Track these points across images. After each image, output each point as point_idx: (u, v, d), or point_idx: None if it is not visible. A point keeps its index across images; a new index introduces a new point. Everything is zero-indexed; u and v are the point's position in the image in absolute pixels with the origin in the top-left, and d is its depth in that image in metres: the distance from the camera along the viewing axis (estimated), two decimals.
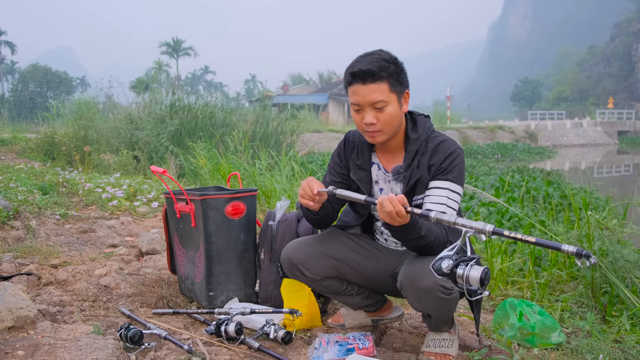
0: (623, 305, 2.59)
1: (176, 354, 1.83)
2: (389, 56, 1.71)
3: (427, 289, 1.64)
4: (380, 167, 1.89)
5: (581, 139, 36.52)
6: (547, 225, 3.61)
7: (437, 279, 1.60)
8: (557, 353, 2.01)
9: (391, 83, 1.68)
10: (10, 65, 68.16)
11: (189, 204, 2.34)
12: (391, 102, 1.70)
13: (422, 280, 1.64)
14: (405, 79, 1.74)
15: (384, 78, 1.67)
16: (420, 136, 1.78)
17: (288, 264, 1.95)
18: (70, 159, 8.85)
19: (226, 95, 51.34)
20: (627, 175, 16.84)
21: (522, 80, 77.16)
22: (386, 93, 1.68)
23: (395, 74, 1.69)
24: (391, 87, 1.69)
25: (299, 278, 1.98)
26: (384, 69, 1.67)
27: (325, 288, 2.00)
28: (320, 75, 56.33)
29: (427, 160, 1.76)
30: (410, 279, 1.68)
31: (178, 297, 2.55)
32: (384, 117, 1.71)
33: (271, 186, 5.30)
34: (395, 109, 1.71)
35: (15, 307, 1.94)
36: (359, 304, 2.07)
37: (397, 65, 1.71)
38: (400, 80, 1.71)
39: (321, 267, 1.92)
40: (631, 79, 71.40)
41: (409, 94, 1.76)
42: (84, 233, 3.79)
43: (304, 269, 1.92)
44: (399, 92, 1.72)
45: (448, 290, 1.63)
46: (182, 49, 63.30)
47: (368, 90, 1.68)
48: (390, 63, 1.69)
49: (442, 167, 1.73)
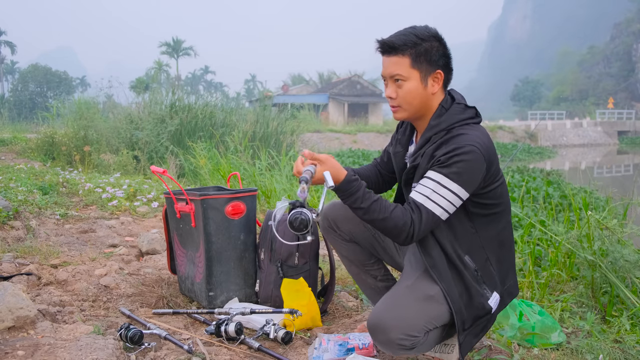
0: (623, 305, 2.60)
1: (176, 354, 1.83)
2: (424, 33, 1.63)
3: (383, 343, 1.60)
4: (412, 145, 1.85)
5: (581, 139, 36.53)
6: (547, 225, 3.61)
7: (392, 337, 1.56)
8: (557, 353, 2.00)
9: (413, 59, 1.62)
10: (10, 65, 68.17)
11: (189, 204, 2.34)
12: (411, 78, 1.64)
13: (379, 335, 1.59)
14: (440, 58, 1.64)
15: (406, 53, 1.62)
16: (440, 124, 1.65)
17: (323, 218, 2.00)
18: (70, 159, 8.85)
19: (226, 95, 51.36)
20: (627, 175, 16.84)
21: (522, 80, 77.17)
22: (406, 68, 1.63)
23: (424, 51, 1.62)
24: (413, 63, 1.62)
25: (330, 233, 2.00)
26: (408, 43, 1.61)
27: (352, 253, 2.01)
28: (320, 75, 56.40)
29: (433, 150, 1.63)
30: (370, 331, 1.62)
31: (178, 297, 2.55)
32: (402, 93, 1.66)
33: (271, 186, 5.30)
34: (415, 86, 1.64)
35: (15, 307, 1.94)
36: (379, 293, 1.99)
37: (429, 42, 1.62)
38: (429, 59, 1.62)
39: (350, 227, 1.96)
40: (631, 79, 71.37)
41: (442, 74, 1.66)
42: (84, 233, 3.79)
43: (334, 224, 1.97)
44: (423, 70, 1.63)
45: (407, 346, 1.58)
46: (182, 49, 63.30)
47: (389, 63, 1.66)
48: (421, 39, 1.62)
49: (440, 160, 1.57)
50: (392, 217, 1.57)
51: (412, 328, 1.58)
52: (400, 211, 1.58)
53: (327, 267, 2.87)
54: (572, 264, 2.94)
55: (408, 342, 1.58)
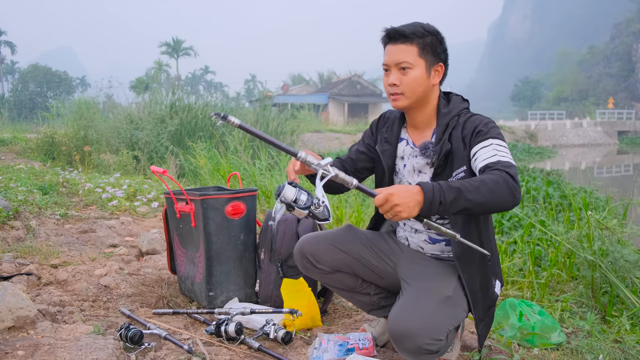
0: (623, 305, 2.60)
1: (176, 354, 1.83)
2: (430, 27, 1.71)
3: (410, 352, 1.58)
4: (409, 143, 1.84)
5: (581, 139, 36.53)
6: (547, 225, 3.61)
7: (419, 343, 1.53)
8: (557, 353, 2.01)
9: (421, 48, 1.69)
10: (10, 65, 68.15)
11: (189, 204, 2.34)
12: (417, 66, 1.69)
13: (405, 343, 1.56)
14: (442, 52, 1.72)
15: (414, 41, 1.68)
16: (452, 110, 1.74)
17: (299, 256, 1.89)
18: (70, 159, 8.85)
19: (226, 95, 51.30)
20: (627, 175, 16.84)
21: (522, 80, 77.15)
22: (413, 56, 1.68)
23: (430, 43, 1.69)
24: (420, 52, 1.69)
25: (310, 271, 1.90)
26: (417, 33, 1.68)
27: (339, 283, 1.91)
28: (320, 75, 56.39)
29: (460, 132, 1.69)
30: (394, 338, 1.58)
31: (178, 297, 2.55)
32: (407, 80, 1.70)
33: (271, 186, 5.30)
34: (420, 74, 1.69)
35: (15, 307, 1.94)
36: (377, 305, 1.96)
37: (434, 36, 1.70)
38: (433, 50, 1.70)
39: (330, 259, 1.86)
40: (631, 79, 71.35)
41: (443, 68, 1.74)
42: (84, 233, 3.79)
43: (313, 260, 1.86)
44: (429, 61, 1.70)
45: (432, 351, 1.56)
46: (182, 49, 63.29)
47: (396, 50, 1.70)
48: (428, 32, 1.69)
49: (480, 131, 1.64)
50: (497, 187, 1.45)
51: (438, 332, 1.57)
52: (493, 176, 1.48)
53: None
54: (572, 264, 2.94)
55: (434, 346, 1.56)
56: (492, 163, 1.54)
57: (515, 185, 1.47)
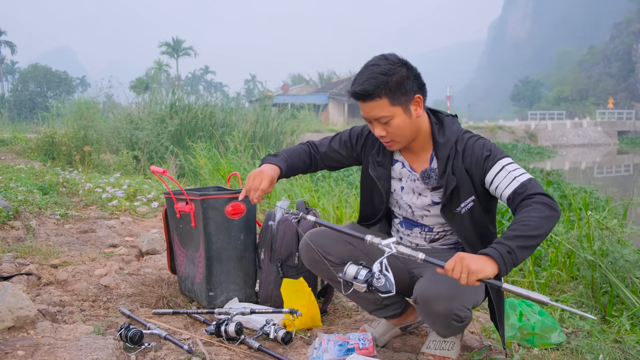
0: (623, 305, 2.60)
1: (176, 354, 1.83)
2: (388, 67, 1.63)
3: (440, 315, 1.63)
4: (405, 165, 1.84)
5: (581, 139, 36.53)
6: None
7: (451, 306, 1.60)
8: (557, 353, 2.01)
9: (391, 98, 1.63)
10: (10, 65, 68.16)
11: (189, 204, 2.34)
12: (395, 115, 1.66)
13: (436, 305, 1.62)
14: (412, 85, 1.65)
15: (382, 95, 1.62)
16: (449, 139, 1.73)
17: (307, 248, 1.90)
18: (70, 159, 8.84)
19: (226, 95, 51.34)
20: (627, 175, 16.84)
21: (522, 80, 77.16)
22: (387, 108, 1.65)
23: (395, 85, 1.62)
24: (391, 102, 1.64)
25: (318, 264, 1.90)
26: (379, 86, 1.61)
27: None
28: (320, 75, 56.39)
29: (462, 163, 1.70)
30: (425, 300, 1.64)
31: (178, 297, 2.55)
32: (392, 130, 1.69)
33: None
34: (401, 120, 1.67)
35: (15, 307, 1.94)
36: (380, 304, 1.98)
37: (398, 74, 1.63)
38: (404, 91, 1.64)
39: (339, 250, 1.89)
40: (631, 79, 71.34)
41: (421, 98, 1.68)
42: (84, 233, 3.79)
43: (322, 251, 1.87)
44: (403, 103, 1.65)
45: (461, 318, 1.62)
46: (182, 49, 63.31)
47: (369, 108, 1.67)
48: (389, 75, 1.61)
49: (485, 158, 1.67)
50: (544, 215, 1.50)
51: (466, 300, 1.64)
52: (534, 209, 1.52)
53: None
54: (572, 264, 2.94)
55: (463, 313, 1.61)
56: (518, 188, 1.58)
57: (550, 201, 1.54)
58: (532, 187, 1.57)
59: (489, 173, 1.66)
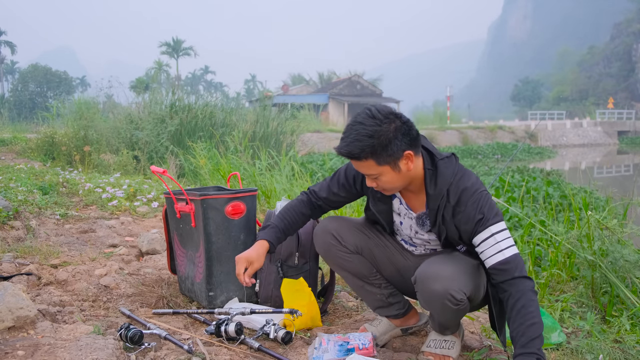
0: (623, 305, 2.60)
1: (176, 354, 1.83)
2: (373, 128, 1.59)
3: (436, 293, 1.66)
4: (402, 202, 1.86)
5: (581, 139, 36.52)
6: (547, 225, 3.61)
7: (448, 286, 1.63)
8: (557, 353, 2.01)
9: (377, 159, 1.62)
10: (10, 65, 68.11)
11: (189, 204, 2.34)
12: (383, 172, 1.66)
13: (434, 284, 1.66)
14: (399, 144, 1.61)
15: (368, 157, 1.62)
16: (441, 190, 1.70)
17: (323, 233, 1.96)
18: (70, 159, 8.84)
19: (226, 95, 51.31)
20: (627, 175, 16.84)
21: (522, 80, 77.12)
22: (374, 167, 1.65)
23: (381, 148, 1.60)
24: (378, 162, 1.63)
25: (333, 248, 1.95)
26: (364, 149, 1.60)
27: (354, 267, 1.97)
28: (320, 75, 56.37)
29: (452, 218, 1.71)
30: (423, 278, 1.70)
31: (178, 297, 2.55)
32: (382, 184, 1.71)
33: (271, 186, 5.30)
34: (390, 177, 1.67)
35: (15, 307, 1.94)
36: (384, 301, 2.01)
37: (384, 136, 1.60)
38: (390, 152, 1.61)
39: (354, 238, 1.95)
40: (631, 79, 71.31)
41: (411, 153, 1.65)
42: (84, 233, 3.79)
43: (338, 237, 1.93)
44: (391, 162, 1.64)
45: (457, 301, 1.65)
46: (182, 49, 63.25)
47: (357, 166, 1.70)
48: (374, 138, 1.59)
49: (477, 224, 1.66)
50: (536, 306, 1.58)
51: (465, 285, 1.67)
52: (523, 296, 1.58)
53: (327, 267, 2.86)
54: (572, 264, 2.94)
55: (459, 295, 1.64)
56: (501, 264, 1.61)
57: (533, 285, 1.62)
58: (516, 266, 1.61)
59: (477, 237, 1.67)
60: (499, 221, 1.66)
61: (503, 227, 1.66)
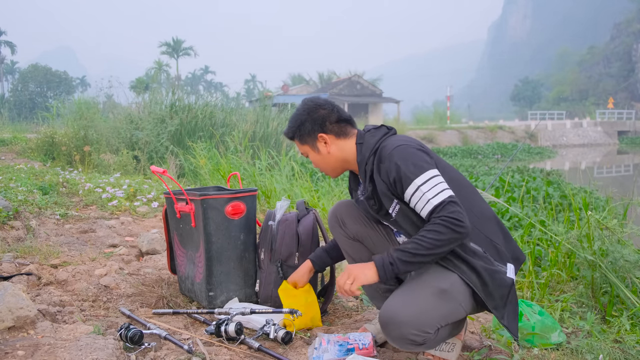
0: (623, 305, 2.59)
1: (176, 354, 1.83)
2: (297, 113, 1.91)
3: (396, 340, 1.63)
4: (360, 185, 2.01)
5: (581, 139, 36.54)
6: (547, 225, 3.61)
7: (405, 332, 1.59)
8: (557, 353, 2.00)
9: (300, 140, 1.92)
10: (10, 65, 68.10)
11: (189, 204, 2.34)
12: (308, 152, 1.94)
13: (392, 330, 1.62)
14: (312, 127, 1.87)
15: (294, 138, 1.94)
16: (364, 156, 1.80)
17: (332, 215, 2.07)
18: (70, 159, 8.84)
19: (226, 95, 51.26)
20: (627, 175, 16.85)
21: (522, 80, 77.14)
22: (300, 147, 1.96)
23: (298, 130, 1.90)
24: (301, 143, 1.93)
25: (336, 230, 2.05)
26: (289, 131, 1.94)
27: (356, 252, 2.02)
28: (320, 75, 56.39)
29: (379, 176, 1.74)
30: (383, 324, 1.64)
31: (178, 297, 2.55)
32: (314, 164, 1.97)
33: (271, 186, 5.30)
34: (315, 156, 1.92)
35: (15, 307, 1.94)
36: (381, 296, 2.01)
37: (300, 120, 1.89)
38: (307, 133, 1.89)
39: (356, 225, 2.00)
40: (631, 79, 71.34)
41: (323, 136, 1.87)
42: (84, 233, 3.79)
43: (341, 221, 2.03)
44: (309, 143, 1.91)
45: (418, 343, 1.61)
46: (182, 49, 63.26)
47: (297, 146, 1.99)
48: (300, 122, 1.89)
49: (399, 179, 1.68)
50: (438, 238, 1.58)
51: (426, 325, 1.61)
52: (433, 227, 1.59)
53: (327, 267, 2.86)
54: (572, 264, 2.93)
55: (420, 338, 1.61)
56: (431, 214, 1.62)
57: (454, 222, 1.57)
58: (443, 209, 1.59)
59: (406, 193, 1.68)
60: (424, 172, 1.65)
61: (429, 177, 1.64)
